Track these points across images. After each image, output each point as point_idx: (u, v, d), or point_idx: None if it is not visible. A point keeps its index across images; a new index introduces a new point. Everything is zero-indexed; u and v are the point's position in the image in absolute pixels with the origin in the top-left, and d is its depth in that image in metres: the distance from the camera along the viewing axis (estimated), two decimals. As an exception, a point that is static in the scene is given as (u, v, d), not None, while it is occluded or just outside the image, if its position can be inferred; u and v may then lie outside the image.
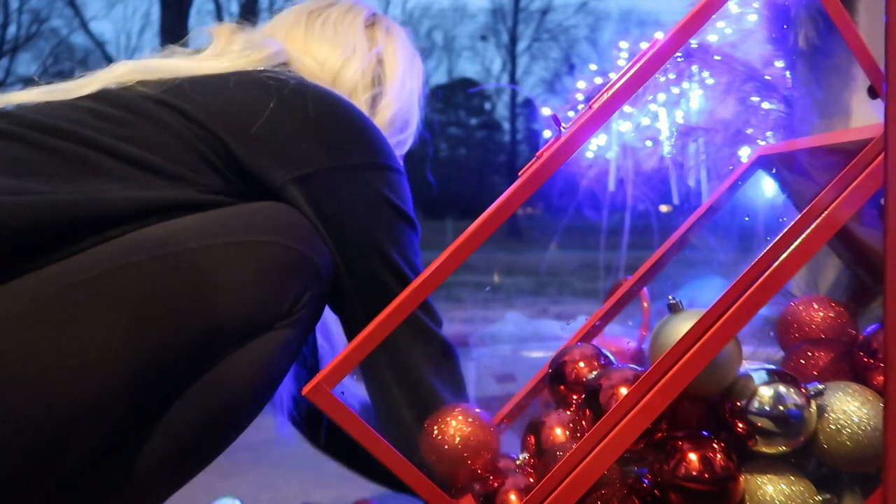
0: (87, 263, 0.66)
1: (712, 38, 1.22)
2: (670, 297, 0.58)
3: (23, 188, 0.67)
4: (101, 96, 0.79)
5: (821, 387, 0.59)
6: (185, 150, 0.76)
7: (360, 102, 0.92)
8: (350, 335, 0.86)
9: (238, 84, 0.82)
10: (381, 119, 0.94)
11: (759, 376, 0.59)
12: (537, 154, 0.59)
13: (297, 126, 0.80)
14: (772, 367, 0.61)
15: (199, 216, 0.73)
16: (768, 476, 0.59)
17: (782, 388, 0.58)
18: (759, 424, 0.58)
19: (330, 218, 0.80)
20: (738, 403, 0.59)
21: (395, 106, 0.95)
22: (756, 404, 0.58)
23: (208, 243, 0.70)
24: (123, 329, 0.65)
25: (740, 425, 0.59)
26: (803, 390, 0.59)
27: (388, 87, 0.95)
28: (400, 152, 0.98)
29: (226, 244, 0.70)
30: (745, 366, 0.61)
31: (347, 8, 0.97)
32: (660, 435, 0.62)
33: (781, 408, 0.57)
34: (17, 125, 0.72)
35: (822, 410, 0.59)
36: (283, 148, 0.79)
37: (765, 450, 0.59)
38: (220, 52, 0.88)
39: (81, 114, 0.76)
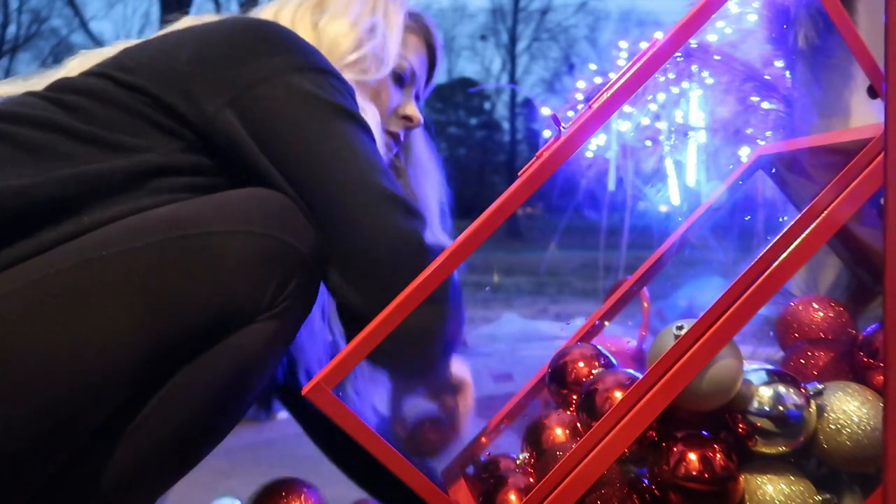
0: (56, 259, 0.66)
1: (712, 37, 1.22)
2: (677, 326, 0.57)
3: None
4: (53, 85, 0.79)
5: (820, 387, 0.59)
6: (132, 119, 0.75)
7: (301, 29, 0.90)
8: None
9: (167, 34, 0.83)
10: (325, 39, 0.91)
11: (758, 376, 0.59)
12: (537, 154, 0.59)
13: (219, 52, 0.79)
14: (771, 367, 0.61)
15: (171, 207, 0.72)
16: (768, 476, 0.59)
17: (782, 389, 0.58)
18: (759, 424, 0.58)
19: (269, 138, 0.76)
20: (738, 404, 0.59)
21: (337, 23, 0.92)
22: (756, 404, 0.58)
23: (181, 234, 0.69)
24: (123, 321, 0.65)
25: (740, 426, 0.59)
26: (803, 390, 0.59)
27: (328, 9, 0.93)
28: (358, 75, 0.93)
29: (199, 234, 0.69)
30: (745, 366, 0.61)
31: None
32: (655, 434, 0.62)
33: (781, 408, 0.57)
34: None
35: (821, 410, 0.59)
36: (209, 78, 0.77)
37: (765, 450, 0.58)
38: (171, 28, 0.89)
39: (33, 98, 0.76)
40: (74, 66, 0.83)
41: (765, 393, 0.58)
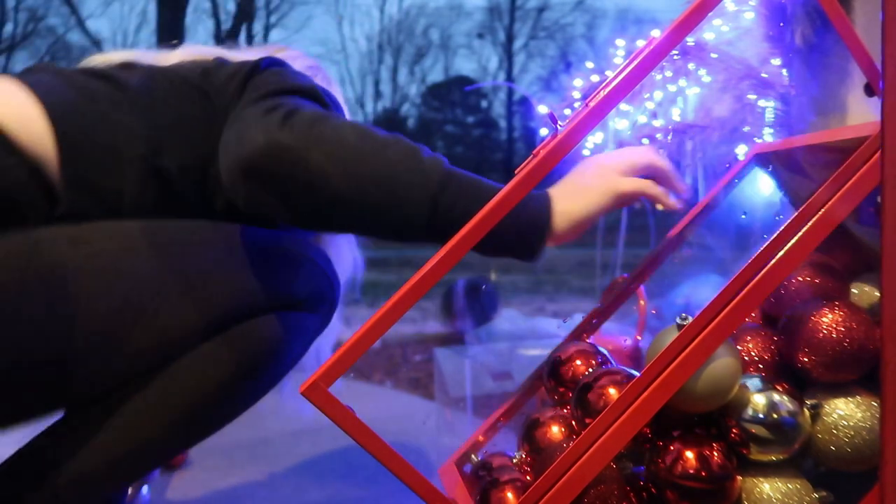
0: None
1: (709, 35, 1.21)
2: (679, 317, 0.57)
3: None
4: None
5: (818, 402, 0.60)
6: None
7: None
8: None
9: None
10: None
11: (753, 384, 0.59)
12: (534, 152, 0.59)
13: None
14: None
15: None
16: (765, 474, 0.59)
17: (776, 396, 0.58)
18: (754, 431, 0.58)
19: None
20: (733, 411, 0.59)
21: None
22: (750, 411, 0.58)
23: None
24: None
25: (734, 432, 0.59)
26: (796, 396, 0.59)
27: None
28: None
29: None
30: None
31: None
32: (652, 433, 0.62)
33: (775, 415, 0.58)
34: None
35: (816, 413, 0.60)
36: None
37: (759, 457, 0.59)
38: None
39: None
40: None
41: (759, 400, 0.58)
